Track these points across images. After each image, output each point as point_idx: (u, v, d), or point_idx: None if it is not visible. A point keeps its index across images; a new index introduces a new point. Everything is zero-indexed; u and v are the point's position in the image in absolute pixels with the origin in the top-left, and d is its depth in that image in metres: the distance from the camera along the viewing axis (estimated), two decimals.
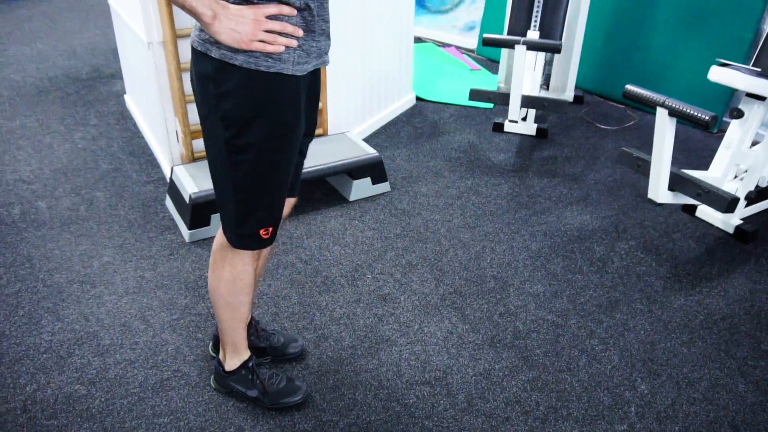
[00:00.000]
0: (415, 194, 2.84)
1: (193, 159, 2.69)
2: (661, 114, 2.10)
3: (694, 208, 2.66)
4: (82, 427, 1.66)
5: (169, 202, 2.67)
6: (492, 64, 4.52)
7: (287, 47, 1.23)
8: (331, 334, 2.01)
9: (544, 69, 3.82)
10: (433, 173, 3.04)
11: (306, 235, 2.53)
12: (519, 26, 3.17)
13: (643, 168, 2.36)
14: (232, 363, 1.69)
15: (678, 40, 3.57)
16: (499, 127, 3.47)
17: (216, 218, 2.48)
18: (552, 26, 3.10)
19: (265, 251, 1.68)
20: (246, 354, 1.70)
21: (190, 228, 2.46)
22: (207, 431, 1.66)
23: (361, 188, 2.79)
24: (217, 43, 1.21)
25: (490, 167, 3.10)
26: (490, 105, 3.78)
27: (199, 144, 2.72)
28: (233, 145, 1.31)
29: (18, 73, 4.09)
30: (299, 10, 1.22)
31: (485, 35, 2.83)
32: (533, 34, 3.11)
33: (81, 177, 2.89)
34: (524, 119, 3.43)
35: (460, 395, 1.79)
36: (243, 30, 1.15)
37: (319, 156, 2.72)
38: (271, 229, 1.45)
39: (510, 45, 2.79)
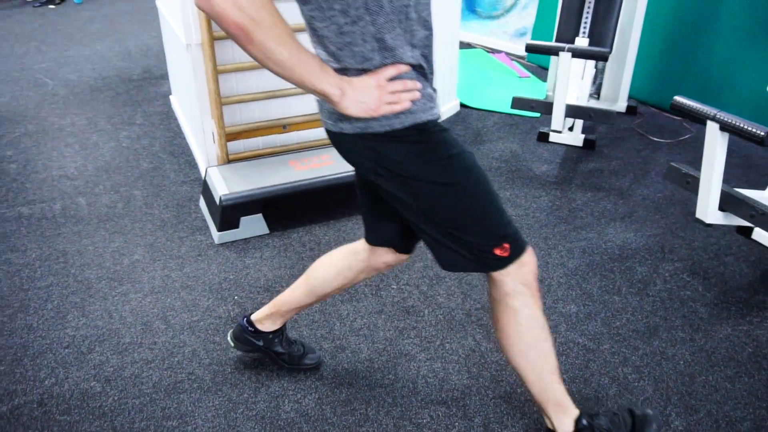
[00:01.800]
0: None
1: (228, 161, 2.70)
2: (712, 128, 1.95)
3: (750, 230, 2.47)
4: (93, 425, 1.67)
5: (202, 203, 2.69)
6: (542, 72, 4.37)
7: (412, 100, 1.21)
8: (349, 345, 1.96)
9: (595, 78, 3.66)
10: None
11: (335, 240, 2.49)
12: (568, 33, 3.04)
13: (692, 185, 2.20)
14: (566, 425, 1.49)
15: (742, 51, 3.35)
16: (544, 137, 3.35)
17: (245, 221, 2.47)
18: (602, 33, 2.96)
19: (533, 290, 1.40)
20: (575, 411, 1.49)
21: (219, 230, 2.46)
22: None
23: None
24: (348, 119, 1.20)
25: (531, 178, 2.98)
26: (537, 114, 3.65)
27: (233, 146, 2.73)
28: (438, 184, 1.26)
29: (74, 73, 4.25)
30: (413, 66, 1.21)
31: (528, 41, 2.72)
32: (582, 41, 2.97)
33: (121, 175, 2.95)
34: (571, 129, 3.30)
35: (477, 418, 1.70)
36: (369, 99, 1.16)
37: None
38: (508, 245, 1.30)
39: (554, 52, 2.67)
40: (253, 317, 1.77)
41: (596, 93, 3.76)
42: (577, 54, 2.66)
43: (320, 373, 1.84)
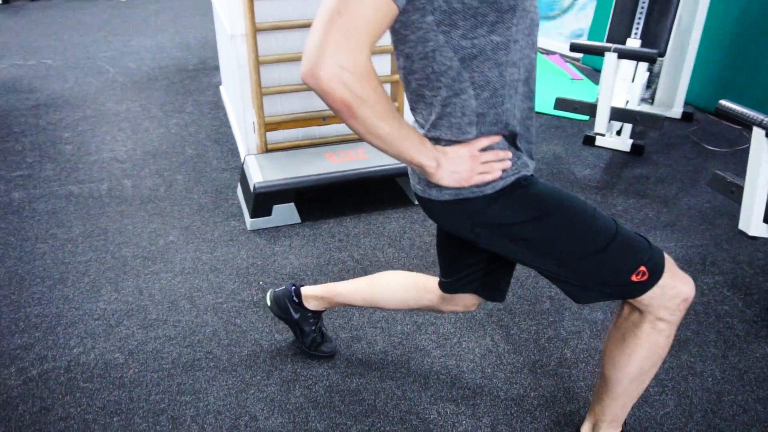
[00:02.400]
0: None
1: (267, 150, 2.75)
2: (758, 135, 1.84)
3: None
4: (112, 394, 1.74)
5: (239, 190, 2.76)
6: (597, 75, 4.24)
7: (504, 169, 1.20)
8: (365, 336, 1.96)
9: (650, 82, 3.53)
10: None
11: (363, 233, 2.50)
12: (619, 33, 2.94)
13: (737, 195, 2.08)
14: None
15: None
16: (590, 141, 3.25)
17: (278, 209, 2.52)
18: (656, 35, 2.84)
19: (680, 320, 1.32)
20: (619, 427, 1.49)
21: (252, 216, 2.52)
22: (223, 415, 1.67)
23: None
24: (438, 186, 1.20)
25: (572, 182, 2.90)
26: (585, 117, 3.55)
27: (273, 136, 2.79)
28: (548, 240, 1.23)
29: (135, 62, 4.43)
30: (507, 137, 1.20)
31: (573, 41, 2.65)
32: (633, 42, 2.87)
33: (167, 160, 3.06)
34: (619, 134, 3.19)
35: (486, 418, 1.67)
36: (462, 169, 1.16)
37: (384, 156, 2.68)
38: (644, 268, 1.21)
39: (599, 52, 2.59)
40: (303, 290, 1.79)
41: (650, 98, 3.62)
42: (624, 55, 2.57)
43: (333, 362, 1.86)
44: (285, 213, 2.55)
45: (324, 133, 2.89)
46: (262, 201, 2.49)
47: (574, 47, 2.63)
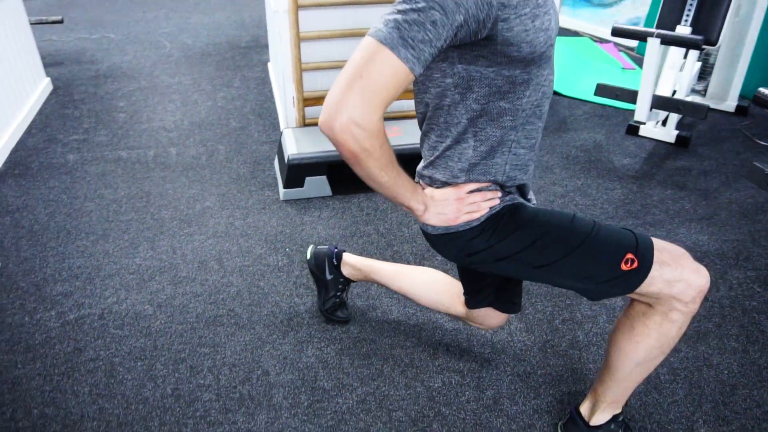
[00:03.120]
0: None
1: (305, 124, 2.83)
2: None
3: None
4: (138, 341, 1.86)
5: (276, 162, 2.84)
6: None
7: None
8: (381, 305, 2.01)
9: (705, 73, 3.41)
10: (543, 168, 2.87)
11: (391, 209, 2.54)
12: (670, 20, 2.85)
13: None
14: (602, 417, 1.49)
15: None
16: (633, 130, 3.17)
17: (310, 181, 2.59)
18: (708, 23, 2.74)
19: (695, 312, 1.31)
20: (619, 409, 1.50)
21: (285, 187, 2.60)
22: (237, 368, 1.76)
23: None
24: None
25: (609, 170, 2.85)
26: (627, 104, 3.46)
27: (312, 111, 2.86)
28: (530, 244, 1.28)
29: (191, 38, 4.60)
30: (494, 182, 1.28)
31: (615, 25, 2.58)
32: (683, 30, 2.78)
33: (211, 131, 3.18)
34: (664, 124, 3.10)
35: (489, 391, 1.70)
36: (448, 211, 1.27)
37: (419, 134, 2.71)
38: (631, 256, 1.23)
39: (642, 37, 2.52)
40: (344, 256, 1.86)
41: (703, 90, 3.50)
42: (667, 40, 2.49)
43: (347, 328, 1.92)
44: (317, 185, 2.62)
45: None
46: (295, 172, 2.57)
47: (615, 32, 2.57)
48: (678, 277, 1.23)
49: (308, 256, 1.92)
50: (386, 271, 1.77)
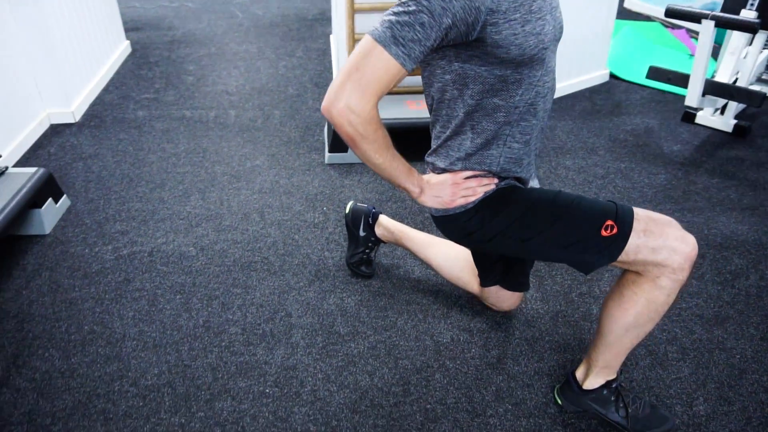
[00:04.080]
0: (556, 165, 2.73)
1: None
2: None
3: None
4: (180, 277, 2.04)
5: (325, 128, 2.98)
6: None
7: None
8: (405, 265, 2.11)
9: None
10: (587, 149, 2.86)
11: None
12: (735, 4, 2.75)
13: None
14: (594, 382, 1.53)
15: None
16: (689, 117, 3.09)
17: None
18: None
19: (685, 280, 1.33)
20: (613, 375, 1.53)
21: (329, 151, 2.73)
22: (263, 308, 1.92)
23: None
24: None
25: (656, 155, 2.80)
26: (678, 89, 3.35)
27: None
28: (517, 223, 1.38)
29: (261, 9, 4.79)
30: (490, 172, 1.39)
31: (669, 5, 2.53)
32: (747, 14, 2.68)
33: (269, 96, 3.35)
34: (722, 112, 3.00)
35: (494, 351, 1.77)
36: (444, 194, 1.39)
37: None
38: (610, 223, 1.28)
39: (696, 18, 2.45)
40: (381, 218, 2.00)
41: None
42: (722, 23, 2.41)
43: (369, 282, 2.03)
44: None
45: (412, 83, 3.02)
46: (339, 138, 2.69)
47: (669, 12, 2.51)
48: (662, 244, 1.27)
49: (347, 210, 2.05)
50: (417, 240, 1.90)
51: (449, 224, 1.46)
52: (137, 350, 1.76)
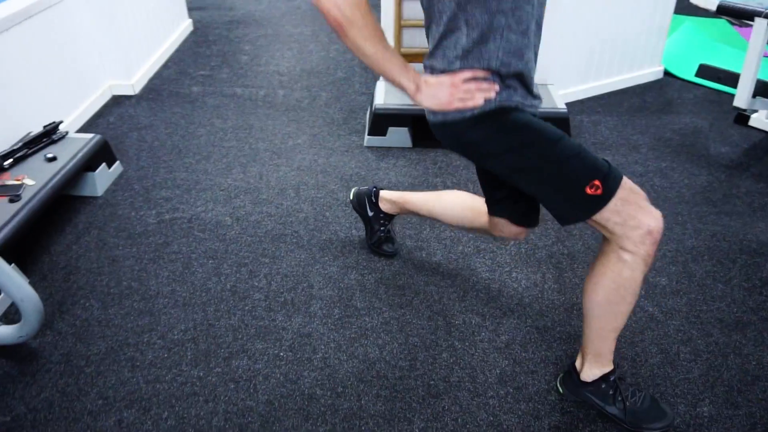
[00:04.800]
0: None
1: None
2: None
3: None
4: (214, 244, 2.17)
5: (368, 112, 3.05)
6: None
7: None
8: (428, 247, 2.17)
9: None
10: (629, 146, 2.82)
11: (464, 166, 2.65)
12: None
13: None
14: (591, 374, 1.55)
15: None
16: (742, 120, 2.98)
17: (392, 131, 2.77)
18: None
19: (648, 257, 1.36)
20: (609, 367, 1.54)
21: (369, 134, 2.80)
22: (287, 278, 2.02)
23: None
24: (433, 111, 1.40)
25: (701, 156, 2.73)
26: (728, 89, 3.23)
27: None
28: (516, 151, 1.38)
29: None
30: (493, 72, 1.33)
31: (721, 1, 2.44)
32: None
33: (318, 78, 3.45)
34: None
35: (504, 336, 1.81)
36: (442, 95, 1.33)
37: None
38: (598, 182, 1.30)
39: (748, 15, 2.36)
40: (381, 192, 2.06)
41: None
42: None
43: (391, 261, 2.10)
44: (398, 136, 2.79)
45: None
46: (379, 121, 2.76)
47: (721, 9, 2.43)
48: (633, 214, 1.31)
49: (351, 197, 2.12)
50: (416, 199, 1.93)
51: (446, 130, 1.41)
52: (168, 307, 1.89)
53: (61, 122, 2.47)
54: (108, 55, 3.12)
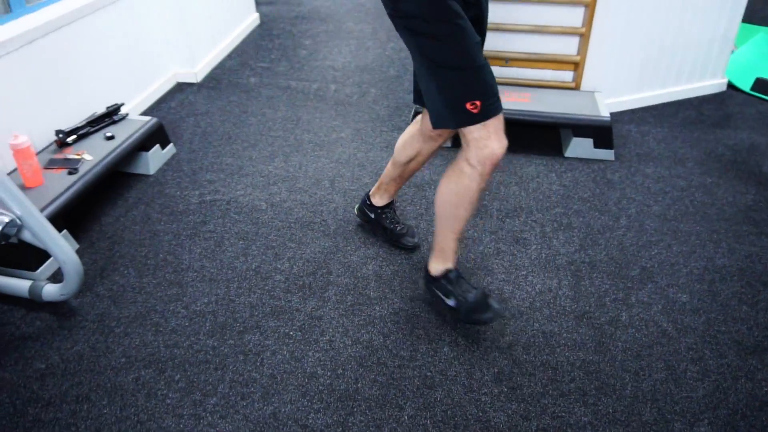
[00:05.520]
0: (635, 171, 2.65)
1: None
2: None
3: None
4: (247, 226, 2.30)
5: (413, 111, 3.11)
6: None
7: None
8: None
9: None
10: (675, 159, 2.74)
11: (499, 170, 2.67)
12: None
13: None
14: (436, 268, 1.83)
15: None
16: None
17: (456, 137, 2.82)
18: None
19: (485, 175, 1.60)
20: (450, 264, 1.81)
21: None
22: (309, 263, 2.12)
23: (580, 147, 2.74)
24: None
25: (751, 175, 2.62)
26: None
27: None
28: (412, 30, 1.52)
29: None
30: None
31: None
32: None
33: (370, 75, 3.54)
34: None
35: (509, 337, 1.83)
36: None
37: (547, 104, 2.77)
38: (479, 102, 1.49)
39: None
40: (370, 192, 2.17)
41: None
42: None
43: (411, 256, 2.16)
44: None
45: (504, 74, 3.05)
46: None
47: None
48: (487, 137, 1.53)
49: (356, 212, 2.28)
50: (387, 170, 2.09)
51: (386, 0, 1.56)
52: (195, 281, 2.04)
53: (122, 104, 2.68)
54: (175, 45, 3.34)
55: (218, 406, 1.61)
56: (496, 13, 2.87)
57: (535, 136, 2.92)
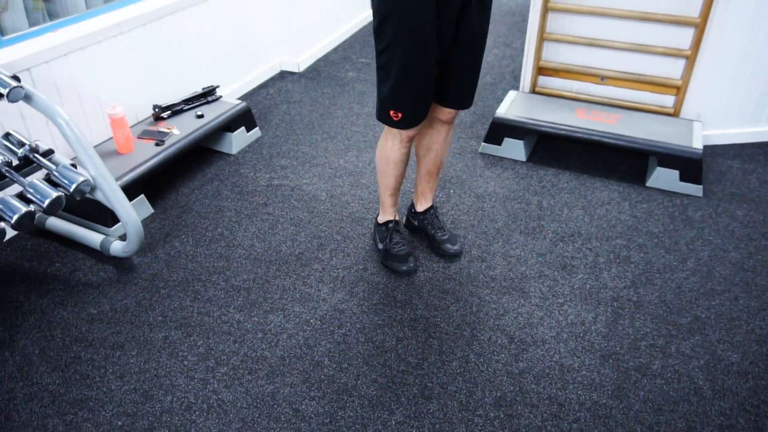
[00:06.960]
0: (722, 212, 2.41)
1: (534, 91, 2.96)
2: None
3: None
4: (302, 213, 2.41)
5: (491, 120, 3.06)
6: None
7: None
8: (491, 260, 2.17)
9: None
10: (718, 168, 2.46)
11: (568, 190, 2.56)
12: None
13: None
14: (381, 217, 2.20)
15: None
16: None
17: (508, 142, 2.76)
18: None
19: (405, 142, 1.94)
20: (389, 216, 2.17)
21: (484, 141, 2.83)
22: (348, 257, 2.18)
23: (664, 178, 2.54)
24: None
25: None
26: None
27: (548, 81, 2.95)
28: (377, 34, 1.72)
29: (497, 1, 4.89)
30: None
31: None
32: None
33: None
34: None
35: (522, 363, 1.77)
36: None
37: (634, 128, 2.61)
38: (401, 115, 1.82)
39: None
40: (414, 200, 2.25)
41: None
42: None
43: (449, 265, 2.14)
44: (514, 147, 2.77)
45: (599, 92, 2.91)
46: (496, 130, 2.77)
47: None
48: (393, 137, 1.93)
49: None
50: (416, 171, 2.22)
51: None
52: (241, 258, 2.18)
53: (218, 86, 2.90)
54: (281, 35, 3.54)
55: (226, 376, 1.73)
56: (593, 27, 2.74)
57: (619, 161, 2.75)
